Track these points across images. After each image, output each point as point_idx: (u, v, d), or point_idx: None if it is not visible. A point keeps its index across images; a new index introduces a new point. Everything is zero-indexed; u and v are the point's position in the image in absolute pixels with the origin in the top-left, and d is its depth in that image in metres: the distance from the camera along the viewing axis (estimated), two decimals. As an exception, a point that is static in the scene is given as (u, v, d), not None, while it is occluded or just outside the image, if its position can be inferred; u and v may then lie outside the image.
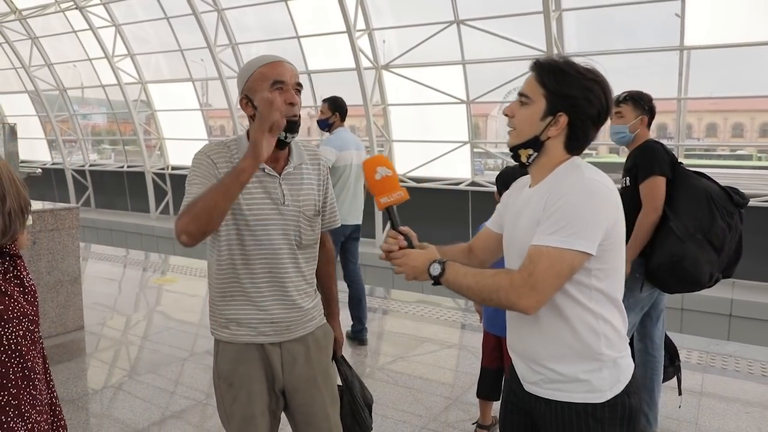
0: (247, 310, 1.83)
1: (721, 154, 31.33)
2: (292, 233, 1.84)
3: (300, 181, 1.87)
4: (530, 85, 1.53)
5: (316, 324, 1.95)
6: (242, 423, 1.86)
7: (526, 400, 1.64)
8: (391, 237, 1.60)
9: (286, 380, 1.89)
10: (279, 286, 1.84)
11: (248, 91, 1.78)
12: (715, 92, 12.40)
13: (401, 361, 4.48)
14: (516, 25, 10.34)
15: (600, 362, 1.51)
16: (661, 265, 2.94)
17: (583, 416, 1.50)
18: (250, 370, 1.85)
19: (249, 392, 1.85)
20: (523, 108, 1.54)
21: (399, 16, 11.68)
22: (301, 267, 1.89)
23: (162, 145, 15.99)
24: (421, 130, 11.93)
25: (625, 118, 3.09)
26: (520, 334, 1.61)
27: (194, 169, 1.78)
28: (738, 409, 3.64)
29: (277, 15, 12.41)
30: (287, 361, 1.87)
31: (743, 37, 8.63)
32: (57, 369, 4.24)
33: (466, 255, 1.79)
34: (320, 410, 1.92)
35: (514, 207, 1.65)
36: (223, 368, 1.89)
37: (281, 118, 1.64)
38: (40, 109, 18.20)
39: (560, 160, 1.54)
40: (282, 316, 1.85)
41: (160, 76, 15.45)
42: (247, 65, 1.81)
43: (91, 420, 3.54)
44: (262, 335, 1.84)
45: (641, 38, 9.98)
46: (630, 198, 2.96)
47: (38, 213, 4.78)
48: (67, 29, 15.65)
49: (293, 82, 1.77)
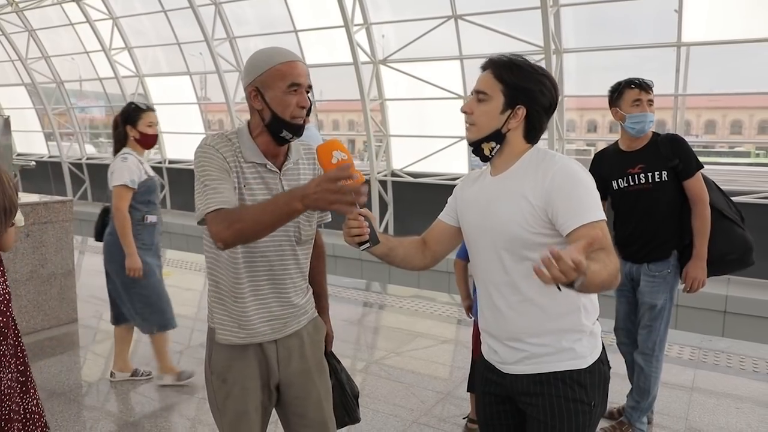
0: (245, 310, 1.80)
1: (719, 151, 31.35)
2: (292, 230, 1.82)
3: (298, 177, 1.85)
4: (486, 82, 1.63)
5: (309, 318, 1.95)
6: (235, 418, 1.85)
7: (506, 385, 1.69)
8: (352, 219, 1.63)
9: (282, 375, 1.88)
10: (278, 283, 1.83)
11: (260, 84, 1.73)
12: (714, 89, 12.36)
13: (395, 355, 4.48)
14: (513, 20, 10.33)
15: (581, 332, 1.63)
16: (727, 254, 2.97)
17: (569, 383, 1.61)
18: (245, 368, 1.84)
19: (243, 388, 1.84)
20: (482, 104, 1.63)
21: (397, 10, 11.67)
22: (300, 263, 1.88)
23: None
24: (418, 125, 11.94)
25: (653, 107, 3.01)
26: (503, 317, 1.66)
27: (208, 163, 1.70)
28: (728, 405, 3.65)
29: (275, 9, 12.39)
30: (283, 356, 1.87)
31: (741, 34, 8.63)
32: (50, 362, 4.24)
33: (420, 247, 1.84)
34: (315, 402, 1.92)
35: (475, 197, 1.72)
36: (217, 364, 1.87)
37: (357, 197, 1.48)
38: (37, 102, 18.18)
39: (522, 150, 1.65)
40: (279, 314, 1.84)
41: (158, 69, 15.43)
42: (262, 57, 1.75)
43: (84, 413, 3.54)
44: (260, 335, 1.83)
45: (639, 34, 9.97)
46: (669, 192, 2.94)
47: (32, 206, 4.77)
48: (64, 22, 15.62)
49: (307, 84, 1.76)
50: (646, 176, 2.96)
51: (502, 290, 1.65)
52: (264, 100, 1.74)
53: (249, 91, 1.76)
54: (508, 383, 1.69)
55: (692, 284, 2.98)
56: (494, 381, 1.73)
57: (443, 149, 11.49)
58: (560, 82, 10.05)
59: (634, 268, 3.10)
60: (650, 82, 3.01)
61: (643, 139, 3.02)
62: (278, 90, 1.72)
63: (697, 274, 2.96)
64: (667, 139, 3.00)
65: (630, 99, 2.98)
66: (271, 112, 1.73)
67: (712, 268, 3.02)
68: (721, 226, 3.00)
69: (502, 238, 1.60)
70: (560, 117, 10.32)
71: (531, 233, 1.57)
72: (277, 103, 1.72)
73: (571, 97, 10.61)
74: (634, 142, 3.04)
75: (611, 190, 3.10)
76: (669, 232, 2.98)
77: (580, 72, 10.68)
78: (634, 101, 2.97)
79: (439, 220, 1.86)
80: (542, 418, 1.62)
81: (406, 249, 1.79)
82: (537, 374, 1.63)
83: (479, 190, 1.73)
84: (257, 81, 1.74)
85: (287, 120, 1.73)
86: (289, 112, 1.73)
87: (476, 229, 1.70)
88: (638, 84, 2.98)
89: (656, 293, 3.02)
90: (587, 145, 29.13)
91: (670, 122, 10.15)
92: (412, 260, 1.81)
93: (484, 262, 1.69)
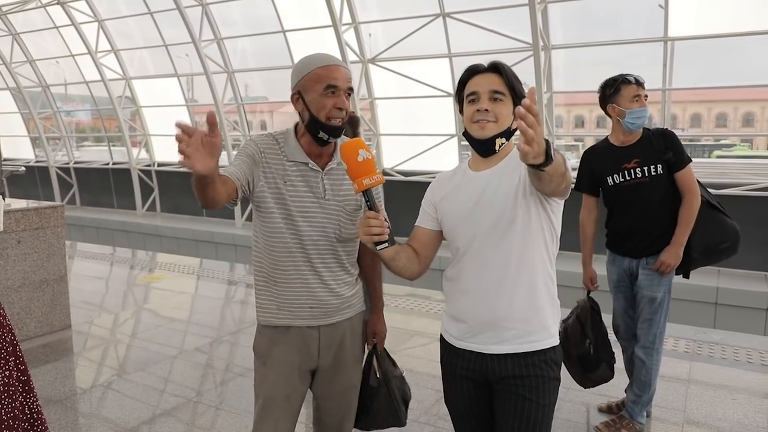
0: (287, 295, 1.92)
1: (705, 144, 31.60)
2: (333, 226, 1.92)
3: (342, 177, 1.94)
4: (498, 83, 1.76)
5: (355, 311, 2.05)
6: (264, 403, 1.94)
7: (486, 368, 1.80)
8: (372, 218, 1.66)
9: (321, 362, 1.98)
10: (318, 274, 1.92)
11: (301, 88, 1.85)
12: (699, 83, 12.46)
13: (391, 354, 4.47)
14: (502, 17, 10.35)
15: (554, 307, 1.82)
16: (721, 243, 3.02)
17: (549, 362, 1.78)
18: (285, 353, 1.94)
19: (277, 374, 1.94)
20: (499, 103, 1.76)
21: (385, 9, 11.65)
22: (342, 259, 1.97)
23: (148, 141, 15.86)
24: (408, 124, 11.93)
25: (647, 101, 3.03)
26: (493, 299, 1.76)
27: (241, 151, 1.89)
28: (725, 396, 3.68)
29: (263, 9, 12.32)
30: (324, 345, 1.97)
31: (727, 28, 8.69)
32: (45, 369, 4.20)
33: (415, 255, 1.90)
34: (341, 389, 2.04)
35: (464, 191, 1.82)
36: (259, 346, 1.99)
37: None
38: (22, 107, 17.98)
39: (510, 147, 1.82)
40: (319, 302, 1.93)
41: (145, 71, 15.31)
42: (304, 62, 1.87)
43: (80, 420, 3.51)
44: (300, 318, 1.93)
45: (626, 30, 10.03)
46: (663, 185, 2.97)
47: (23, 212, 4.72)
48: (48, 25, 15.45)
49: (346, 87, 1.85)
50: (642, 170, 2.98)
51: (495, 270, 1.75)
52: (304, 103, 1.85)
53: (292, 95, 1.88)
54: (488, 366, 1.79)
55: (659, 266, 3.00)
56: (470, 368, 1.83)
57: (434, 147, 11.49)
58: (549, 78, 10.08)
59: (633, 263, 3.12)
60: (642, 78, 3.04)
61: (636, 134, 3.05)
62: (316, 92, 1.84)
63: (668, 259, 2.99)
64: (659, 133, 3.03)
65: (629, 95, 3.00)
66: (309, 113, 1.85)
67: (708, 257, 3.06)
68: (713, 216, 3.05)
69: (500, 225, 1.73)
70: (549, 113, 10.35)
71: (524, 212, 1.71)
72: (314, 105, 1.84)
73: (560, 93, 10.64)
74: (628, 137, 3.06)
75: (606, 185, 3.11)
76: (666, 225, 3.01)
77: (567, 68, 10.72)
78: (633, 97, 3.00)
79: (420, 228, 1.93)
80: (531, 396, 1.75)
81: (407, 255, 1.86)
82: (523, 354, 1.76)
83: (463, 182, 1.84)
84: (299, 85, 1.87)
85: (323, 121, 1.84)
86: (325, 114, 1.83)
87: (470, 215, 1.79)
88: (636, 80, 3.01)
89: (655, 286, 3.04)
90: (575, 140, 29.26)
91: (657, 116, 10.21)
92: (412, 266, 1.88)
93: (477, 246, 1.77)
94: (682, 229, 2.97)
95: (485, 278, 1.77)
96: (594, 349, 3.11)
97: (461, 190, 1.83)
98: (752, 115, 38.40)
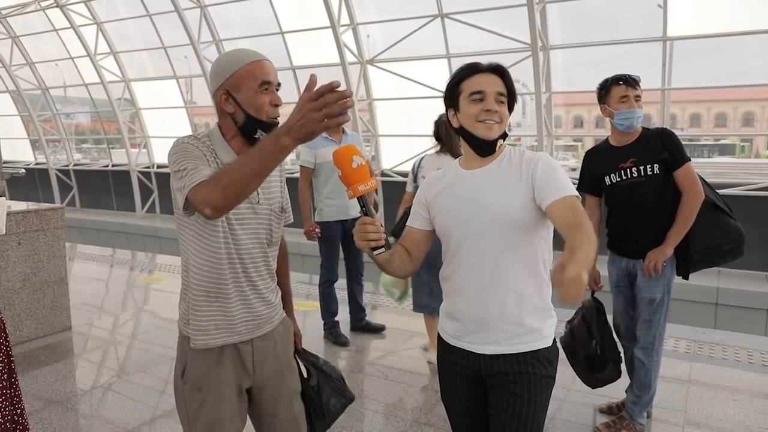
0: (226, 310, 1.80)
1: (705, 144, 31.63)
2: (264, 231, 1.84)
3: (268, 179, 1.85)
4: (502, 86, 1.80)
5: (279, 318, 1.96)
6: (207, 427, 1.83)
7: (479, 366, 1.83)
8: (368, 224, 1.66)
9: (256, 377, 1.88)
10: (253, 284, 1.84)
11: (230, 86, 1.72)
12: (699, 82, 12.45)
13: (391, 355, 4.48)
14: (500, 18, 10.35)
15: (547, 311, 1.84)
16: (723, 245, 3.00)
17: (542, 360, 1.80)
18: (222, 374, 1.83)
19: (219, 396, 1.82)
20: (502, 106, 1.80)
21: (383, 10, 11.66)
22: (270, 264, 1.89)
23: (147, 143, 15.86)
24: (407, 125, 11.93)
25: (640, 102, 3.02)
26: (485, 300, 1.78)
27: (185, 154, 1.67)
28: (726, 397, 3.68)
29: (261, 10, 12.33)
30: (258, 358, 1.87)
31: (726, 27, 8.70)
32: (45, 371, 4.20)
33: (407, 255, 1.94)
34: (287, 401, 1.94)
35: (456, 191, 1.84)
36: (192, 372, 1.84)
37: (344, 103, 1.40)
38: (22, 109, 17.99)
39: (502, 147, 1.86)
40: (254, 314, 1.85)
41: (144, 73, 15.32)
42: (228, 59, 1.74)
43: (80, 421, 3.51)
44: (237, 335, 1.82)
45: (624, 29, 10.02)
46: (661, 185, 2.95)
47: (23, 214, 4.72)
48: (48, 28, 15.46)
49: (276, 82, 1.75)
50: (638, 170, 2.98)
51: (488, 271, 1.77)
52: (236, 103, 1.72)
53: (219, 95, 1.74)
54: (481, 364, 1.83)
55: (648, 264, 2.99)
56: (465, 365, 1.86)
57: (432, 148, 11.48)
58: (548, 79, 10.08)
59: (631, 263, 3.12)
60: (637, 78, 3.03)
61: (633, 134, 3.05)
62: (249, 90, 1.71)
63: (653, 255, 2.98)
64: (656, 133, 3.03)
65: (617, 96, 3.00)
66: (244, 113, 1.72)
67: (710, 259, 3.05)
68: (716, 217, 3.03)
69: (494, 221, 1.75)
70: (548, 113, 10.35)
71: (521, 215, 1.73)
72: (249, 104, 1.71)
73: (558, 93, 10.65)
74: (625, 138, 3.06)
75: (604, 185, 3.11)
76: (663, 226, 3.00)
77: (566, 68, 10.73)
78: (621, 98, 3.00)
79: (411, 228, 1.96)
80: (523, 393, 1.78)
81: (400, 256, 1.91)
82: (515, 354, 1.79)
83: (455, 182, 1.86)
84: (227, 84, 1.72)
85: (263, 120, 1.72)
86: (265, 112, 1.72)
87: (463, 215, 1.81)
88: (625, 80, 3.01)
89: (654, 287, 3.04)
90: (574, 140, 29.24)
91: (656, 116, 10.21)
92: (405, 266, 1.92)
93: (470, 245, 1.80)
94: (677, 227, 2.95)
95: (477, 279, 1.80)
96: (601, 350, 3.11)
97: (453, 189, 1.85)
98: (752, 115, 38.42)
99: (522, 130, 14.21)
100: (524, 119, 14.47)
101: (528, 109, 12.65)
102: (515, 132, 13.94)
